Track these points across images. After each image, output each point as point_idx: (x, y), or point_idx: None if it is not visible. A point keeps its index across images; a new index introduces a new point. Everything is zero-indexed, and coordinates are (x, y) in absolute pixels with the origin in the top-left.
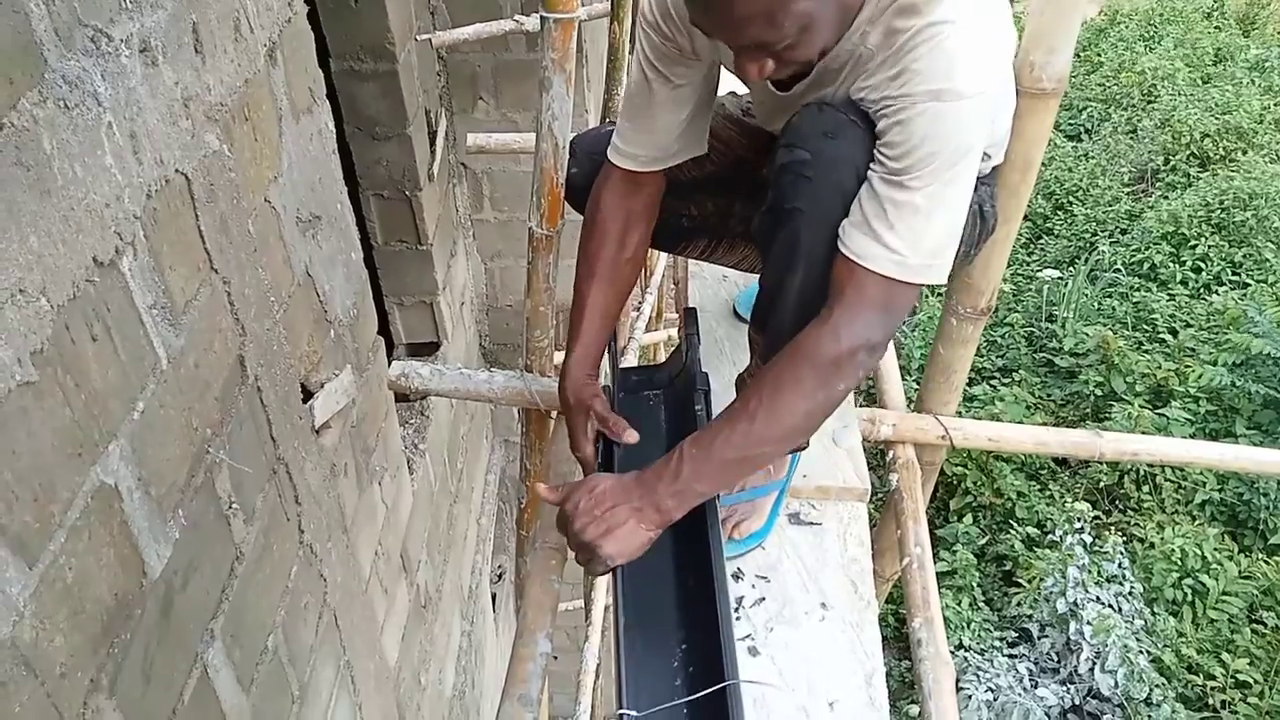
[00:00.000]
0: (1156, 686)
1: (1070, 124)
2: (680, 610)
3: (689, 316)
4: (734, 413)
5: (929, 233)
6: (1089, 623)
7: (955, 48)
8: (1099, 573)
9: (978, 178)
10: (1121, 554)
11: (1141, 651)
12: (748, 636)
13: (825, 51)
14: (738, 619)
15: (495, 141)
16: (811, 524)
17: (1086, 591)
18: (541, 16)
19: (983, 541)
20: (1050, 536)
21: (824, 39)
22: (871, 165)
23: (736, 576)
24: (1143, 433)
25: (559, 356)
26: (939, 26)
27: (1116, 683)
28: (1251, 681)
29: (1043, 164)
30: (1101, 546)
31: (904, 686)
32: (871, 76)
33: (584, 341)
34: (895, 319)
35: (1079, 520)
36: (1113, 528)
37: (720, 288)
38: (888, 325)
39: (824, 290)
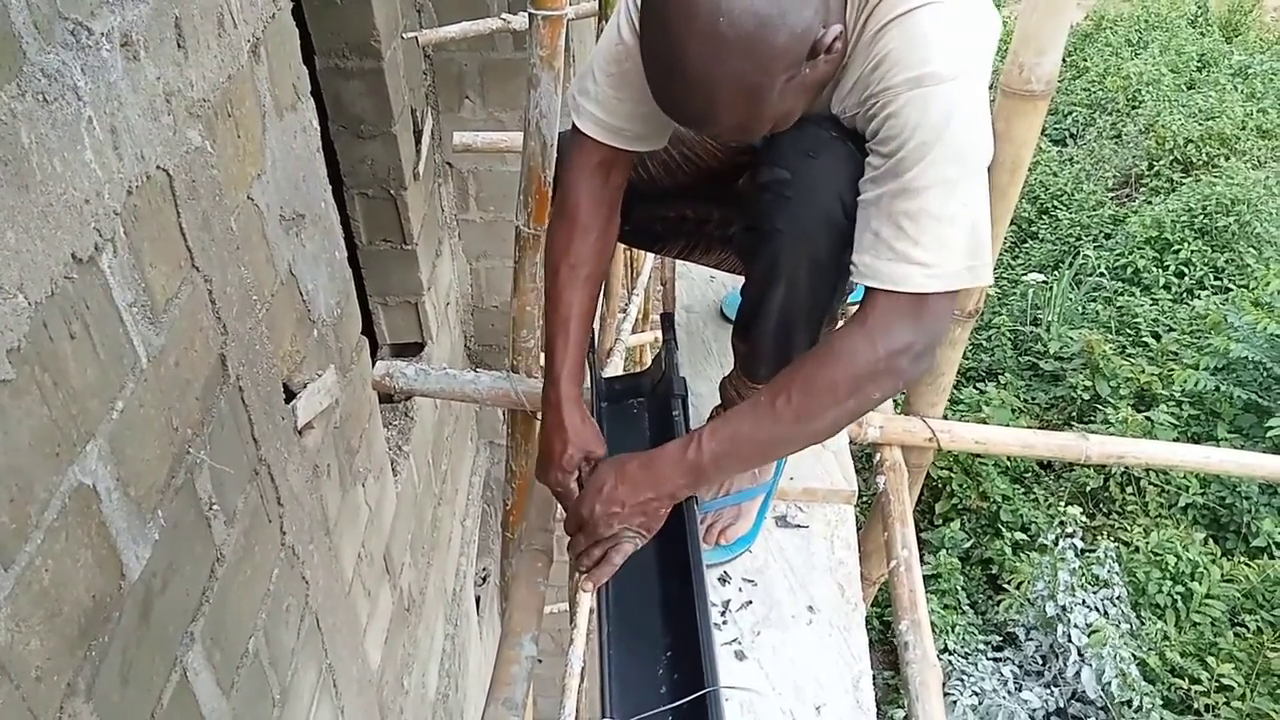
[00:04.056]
0: (1146, 694)
1: (1055, 129)
2: (664, 617)
3: (666, 322)
4: (758, 407)
5: (954, 234)
6: (1077, 626)
7: (927, 30)
8: (1087, 576)
9: None
10: (1112, 558)
11: (1130, 657)
12: (734, 640)
13: None
14: (724, 622)
15: (482, 140)
16: (799, 527)
17: (1074, 595)
18: (530, 13)
19: (968, 545)
20: (1040, 540)
21: (803, 110)
22: (868, 185)
23: (723, 580)
24: (1132, 436)
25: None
26: (907, 14)
27: (1104, 687)
28: (1234, 685)
29: (1028, 168)
30: (1092, 550)
31: (889, 690)
32: (847, 82)
33: (577, 352)
34: (935, 322)
35: (1071, 525)
36: (1101, 531)
37: (708, 289)
38: (929, 330)
39: (805, 306)
